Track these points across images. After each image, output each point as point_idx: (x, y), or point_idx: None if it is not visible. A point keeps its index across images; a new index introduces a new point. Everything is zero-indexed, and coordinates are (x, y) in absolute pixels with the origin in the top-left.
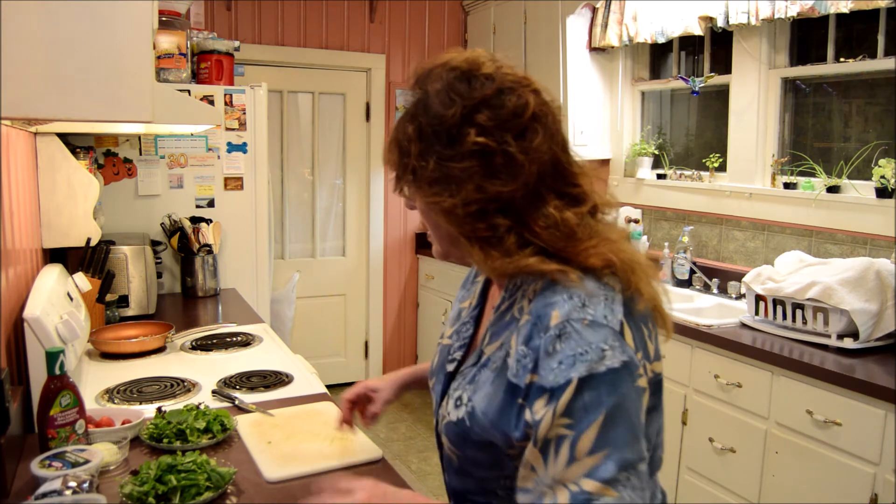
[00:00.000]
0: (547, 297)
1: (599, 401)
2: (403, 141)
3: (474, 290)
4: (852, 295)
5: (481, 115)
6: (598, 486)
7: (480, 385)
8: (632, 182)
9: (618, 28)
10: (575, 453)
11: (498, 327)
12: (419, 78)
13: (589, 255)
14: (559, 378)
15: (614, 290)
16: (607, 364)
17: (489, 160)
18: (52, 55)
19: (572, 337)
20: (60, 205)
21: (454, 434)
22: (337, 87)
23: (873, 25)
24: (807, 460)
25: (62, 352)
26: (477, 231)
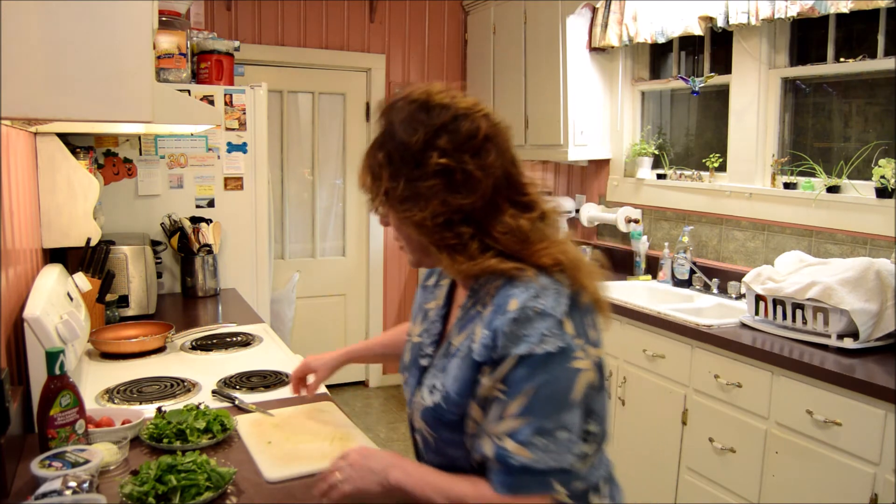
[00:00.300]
0: (507, 290)
1: (532, 376)
2: (375, 167)
3: (439, 293)
4: (852, 295)
5: (441, 139)
6: (514, 446)
7: (450, 371)
8: (632, 182)
9: (618, 28)
10: (503, 414)
11: (464, 321)
12: (384, 111)
13: (541, 255)
14: (505, 351)
15: (562, 285)
16: (545, 348)
17: (451, 178)
18: (52, 55)
19: (524, 322)
20: (60, 205)
21: (430, 418)
22: (337, 87)
23: (873, 25)
24: (807, 460)
25: (62, 352)
26: (445, 239)
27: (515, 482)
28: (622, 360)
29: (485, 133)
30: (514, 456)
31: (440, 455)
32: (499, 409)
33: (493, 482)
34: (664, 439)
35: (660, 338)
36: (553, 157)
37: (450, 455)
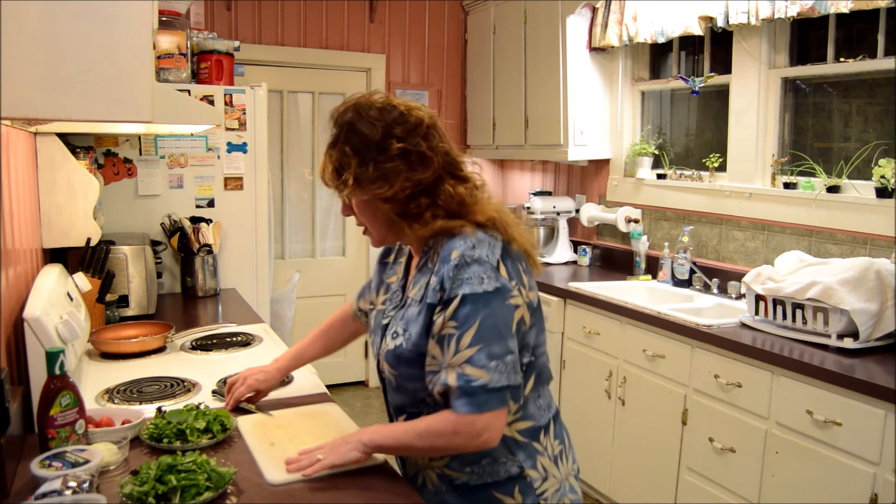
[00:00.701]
0: (450, 244)
1: (476, 311)
2: (342, 159)
3: (398, 269)
4: (852, 295)
5: (396, 129)
6: (473, 370)
7: (408, 318)
8: (632, 182)
9: (618, 28)
10: (459, 346)
11: (418, 277)
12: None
13: (477, 214)
14: (452, 294)
15: (496, 238)
16: (484, 287)
17: (409, 158)
18: (52, 55)
19: (463, 267)
20: (60, 205)
21: (392, 358)
22: (337, 87)
23: (873, 25)
24: (807, 460)
25: (62, 352)
26: (409, 210)
27: (478, 400)
28: (622, 360)
29: (427, 123)
30: (475, 378)
31: (402, 391)
32: (454, 344)
33: (456, 407)
34: (664, 439)
35: (660, 338)
36: (553, 157)
37: (410, 389)
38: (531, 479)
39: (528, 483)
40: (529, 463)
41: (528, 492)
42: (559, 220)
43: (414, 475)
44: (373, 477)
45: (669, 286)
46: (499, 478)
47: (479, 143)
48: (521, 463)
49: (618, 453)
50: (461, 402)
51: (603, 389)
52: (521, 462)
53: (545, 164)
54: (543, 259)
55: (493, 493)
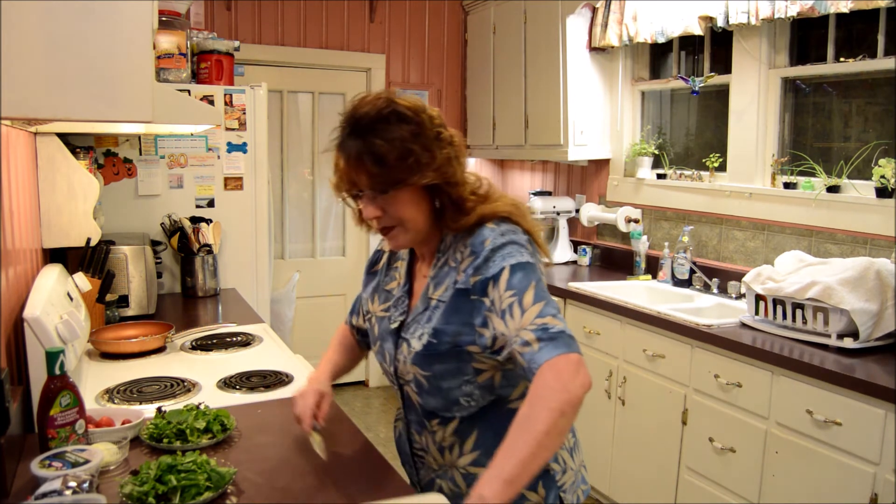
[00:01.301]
0: (479, 236)
1: (527, 276)
2: (405, 146)
3: (396, 274)
4: (852, 295)
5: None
6: (546, 319)
7: (436, 317)
8: (632, 182)
9: (618, 28)
10: (524, 307)
11: (439, 277)
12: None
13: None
14: (496, 268)
15: (518, 227)
16: (526, 258)
17: (454, 145)
18: (52, 55)
19: (500, 247)
20: (60, 205)
21: (422, 358)
22: (337, 87)
23: (873, 25)
24: (807, 460)
25: (62, 352)
26: (460, 192)
27: (562, 342)
28: (622, 360)
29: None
30: (551, 325)
31: (435, 393)
32: (518, 307)
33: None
34: (664, 439)
35: (660, 338)
36: (553, 157)
37: (444, 388)
38: (553, 472)
39: (550, 476)
40: (553, 456)
41: (551, 485)
42: (559, 220)
43: (429, 482)
44: (373, 477)
45: (669, 286)
46: None
47: (479, 143)
48: None
49: (618, 453)
50: (545, 350)
51: (603, 389)
52: None
53: (545, 164)
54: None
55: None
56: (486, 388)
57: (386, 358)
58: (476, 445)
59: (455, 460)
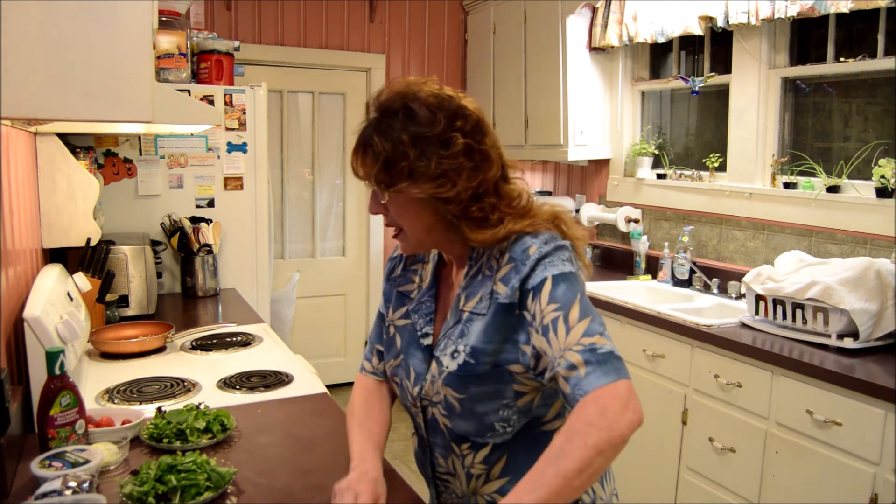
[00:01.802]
0: (521, 244)
1: (571, 288)
2: (397, 149)
3: (416, 277)
4: (852, 295)
5: (458, 122)
6: (594, 339)
7: (472, 330)
8: (632, 182)
9: (618, 28)
10: (569, 324)
11: (472, 287)
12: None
13: (542, 214)
14: (538, 278)
15: (559, 236)
16: (569, 268)
17: (472, 156)
18: (52, 55)
19: (545, 256)
20: (60, 205)
21: (457, 380)
22: (337, 87)
23: (873, 25)
24: (807, 460)
25: (62, 352)
26: (471, 213)
27: (611, 368)
28: None
29: (485, 120)
30: (599, 346)
31: (468, 416)
32: (563, 324)
33: (586, 386)
34: (664, 439)
35: (660, 338)
36: (553, 157)
37: (479, 412)
38: (581, 501)
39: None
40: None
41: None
42: None
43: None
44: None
45: (669, 286)
46: None
47: None
48: None
49: None
50: (592, 376)
51: None
52: None
53: (545, 164)
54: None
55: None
56: (524, 412)
57: (410, 375)
58: (504, 472)
59: (480, 487)
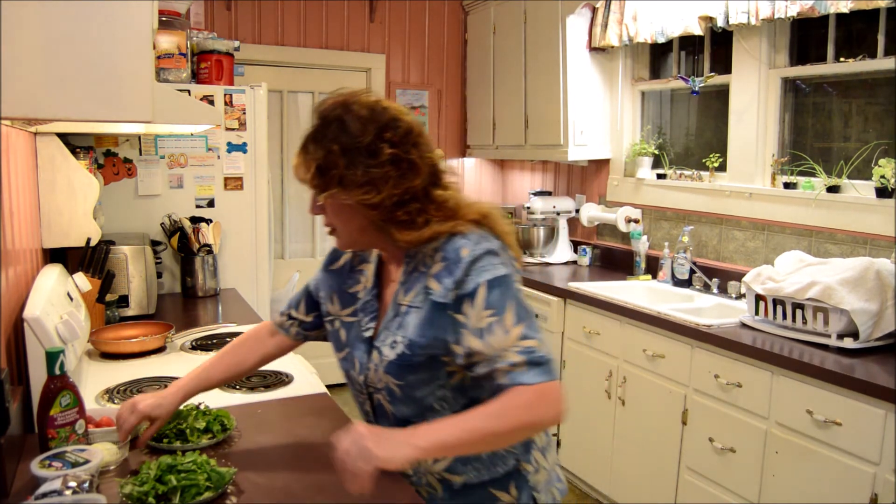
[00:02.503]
0: (452, 243)
1: (504, 293)
2: (329, 158)
3: (362, 277)
4: (852, 295)
5: (387, 133)
6: (531, 342)
7: (409, 323)
8: (632, 182)
9: (618, 28)
10: (506, 328)
11: (409, 283)
12: (328, 109)
13: (469, 214)
14: (473, 284)
15: (489, 233)
16: (501, 272)
17: (399, 165)
18: (52, 55)
19: (479, 259)
20: (60, 205)
21: (396, 368)
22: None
23: (873, 25)
24: (807, 460)
25: (62, 352)
26: (396, 217)
27: (546, 369)
28: (622, 360)
29: (416, 130)
30: (535, 349)
31: (409, 401)
32: (500, 328)
33: (528, 379)
34: (664, 439)
35: (660, 338)
36: (553, 157)
37: (418, 396)
38: (525, 472)
39: (522, 476)
40: (526, 456)
41: (523, 486)
42: (559, 220)
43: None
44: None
45: (669, 286)
46: (497, 474)
47: (479, 143)
48: (519, 456)
49: (618, 453)
50: (532, 373)
51: (603, 389)
52: (519, 455)
53: (545, 164)
54: (543, 259)
55: (491, 491)
56: (459, 390)
57: (355, 366)
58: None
59: (430, 466)
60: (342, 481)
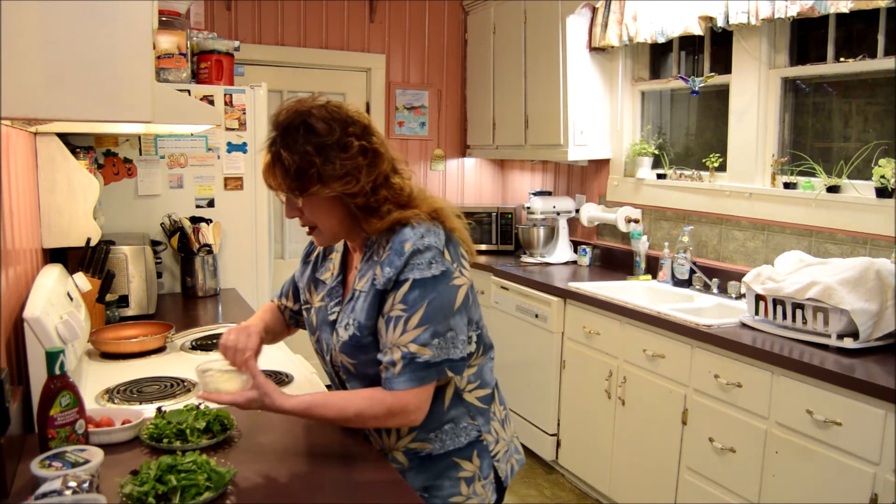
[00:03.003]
0: (401, 235)
1: (424, 295)
2: (304, 159)
3: (331, 265)
4: (852, 295)
5: (350, 128)
6: (417, 348)
7: (357, 308)
8: (632, 182)
9: (618, 28)
10: (406, 327)
11: (363, 270)
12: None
13: (422, 206)
14: (403, 277)
15: (439, 227)
16: (432, 272)
17: (367, 154)
18: (52, 55)
19: (416, 254)
20: (60, 205)
21: (349, 348)
22: (337, 87)
23: (873, 25)
24: (807, 460)
25: (62, 352)
26: (370, 203)
27: (420, 375)
28: (622, 360)
29: (370, 123)
30: (419, 355)
31: (362, 377)
32: (402, 325)
33: (396, 384)
34: (664, 439)
35: (660, 338)
36: (553, 157)
37: (371, 374)
38: (486, 442)
39: (484, 446)
40: (486, 427)
41: (485, 454)
42: (559, 220)
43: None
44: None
45: (669, 286)
46: (459, 444)
47: (479, 143)
48: (480, 427)
49: (618, 453)
50: (403, 377)
51: (603, 389)
52: (480, 426)
53: (545, 164)
54: (543, 259)
55: (454, 460)
56: None
57: (323, 347)
58: (411, 429)
59: (394, 443)
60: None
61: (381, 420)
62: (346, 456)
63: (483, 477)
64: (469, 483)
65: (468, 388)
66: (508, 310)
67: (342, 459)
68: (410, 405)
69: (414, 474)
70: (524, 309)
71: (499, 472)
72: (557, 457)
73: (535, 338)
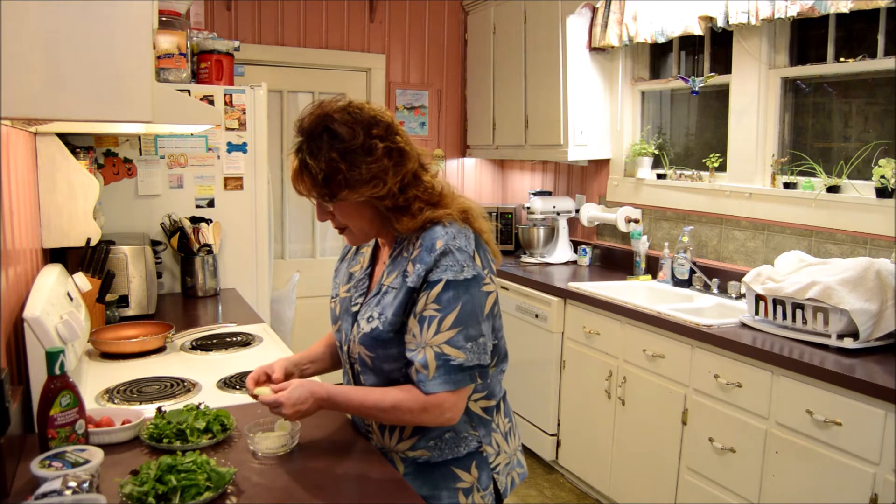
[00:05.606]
0: (432, 233)
1: (458, 297)
2: (331, 166)
3: (362, 259)
4: (852, 295)
5: (374, 130)
6: (452, 350)
7: (385, 302)
8: (632, 182)
9: (618, 28)
10: (440, 328)
11: (393, 266)
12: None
13: (452, 205)
14: (436, 277)
15: (469, 230)
16: (465, 275)
17: (392, 155)
18: (52, 55)
19: (448, 255)
20: (60, 205)
21: (369, 340)
22: (337, 87)
23: (873, 25)
24: (807, 460)
25: (62, 352)
26: (399, 203)
27: (454, 378)
28: (622, 360)
29: (393, 122)
30: (453, 357)
31: (377, 372)
32: (436, 325)
33: (430, 386)
34: (664, 439)
35: (660, 338)
36: (553, 157)
37: (385, 370)
38: (487, 454)
39: (483, 458)
40: (487, 439)
41: (484, 466)
42: (559, 220)
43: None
44: (374, 477)
45: (669, 286)
46: (459, 454)
47: (479, 143)
48: (481, 438)
49: (618, 453)
50: (438, 380)
51: (603, 389)
52: (481, 438)
53: (545, 164)
54: (543, 259)
55: (452, 469)
56: None
57: (342, 337)
58: (413, 432)
59: (395, 445)
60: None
61: (416, 414)
62: (347, 455)
63: (482, 488)
64: (467, 494)
65: (474, 396)
66: (508, 310)
67: (342, 459)
68: (446, 403)
69: (411, 481)
70: (524, 309)
71: (497, 485)
72: (557, 457)
73: (536, 338)
